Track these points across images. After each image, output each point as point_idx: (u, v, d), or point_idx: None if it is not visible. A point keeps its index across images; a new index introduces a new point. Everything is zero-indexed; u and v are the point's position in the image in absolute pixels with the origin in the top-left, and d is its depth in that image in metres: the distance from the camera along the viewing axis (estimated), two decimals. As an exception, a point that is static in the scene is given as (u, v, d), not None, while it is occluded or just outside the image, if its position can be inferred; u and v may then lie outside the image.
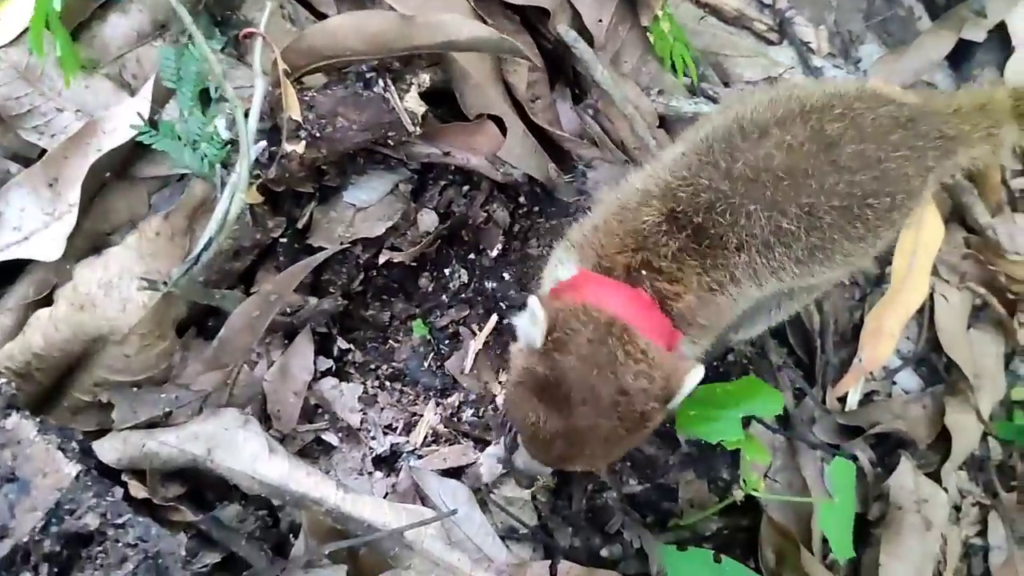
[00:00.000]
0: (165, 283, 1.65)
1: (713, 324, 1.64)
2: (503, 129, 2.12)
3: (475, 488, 2.01)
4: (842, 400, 2.33)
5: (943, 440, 2.38)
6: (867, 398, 2.38)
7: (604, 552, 2.04)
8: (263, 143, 1.79)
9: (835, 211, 1.58)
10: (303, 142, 1.84)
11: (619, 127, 2.21)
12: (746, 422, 1.75)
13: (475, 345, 2.13)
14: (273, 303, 1.77)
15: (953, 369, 2.45)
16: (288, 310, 1.98)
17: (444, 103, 2.13)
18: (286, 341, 2.03)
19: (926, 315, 2.48)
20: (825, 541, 2.18)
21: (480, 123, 2.12)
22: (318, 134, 1.88)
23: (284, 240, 2.03)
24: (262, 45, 1.74)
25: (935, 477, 2.31)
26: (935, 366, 2.47)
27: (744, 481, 1.85)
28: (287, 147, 1.81)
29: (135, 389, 1.77)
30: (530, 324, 1.45)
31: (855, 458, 2.25)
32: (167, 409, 1.75)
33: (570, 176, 2.23)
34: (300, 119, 1.83)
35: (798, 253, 1.59)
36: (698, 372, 1.46)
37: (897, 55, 2.63)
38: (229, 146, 1.76)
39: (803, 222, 1.56)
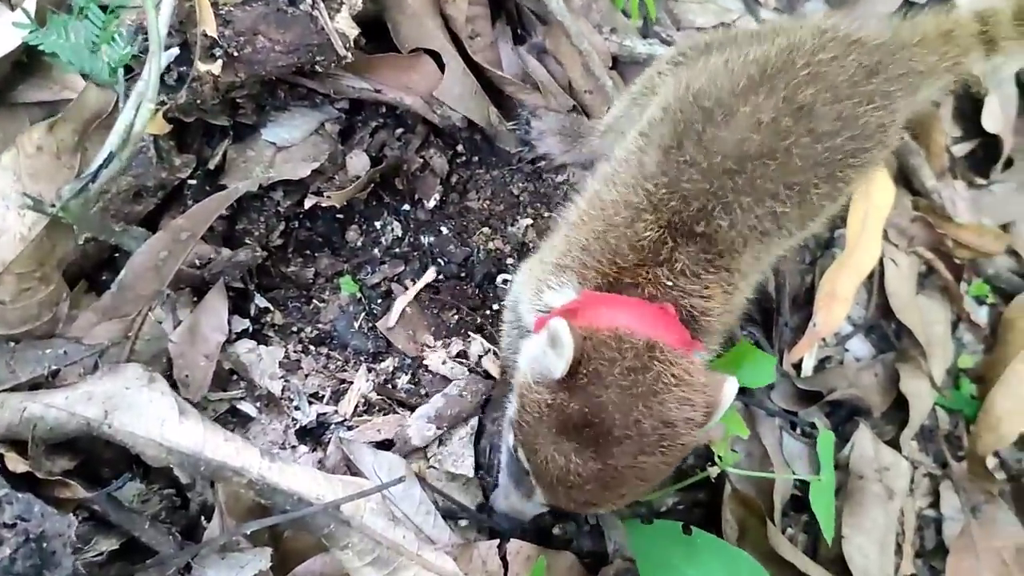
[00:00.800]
0: (53, 205, 1.37)
1: (728, 326, 1.55)
2: (441, 66, 1.92)
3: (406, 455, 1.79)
4: (797, 366, 2.21)
5: (896, 408, 2.30)
6: (821, 364, 2.27)
7: (556, 530, 1.85)
8: (175, 50, 1.53)
9: (822, 179, 1.48)
10: (218, 62, 1.59)
11: (569, 67, 2.04)
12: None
13: (404, 300, 1.91)
14: (184, 242, 1.51)
15: (904, 335, 2.37)
16: (198, 262, 1.73)
17: (376, 36, 1.91)
18: (195, 298, 1.77)
19: (876, 280, 2.39)
20: (786, 513, 2.06)
21: (415, 57, 1.91)
22: (235, 53, 1.63)
23: (193, 182, 1.77)
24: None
25: (893, 445, 2.21)
26: (885, 332, 2.38)
27: (719, 457, 1.70)
28: (200, 67, 1.56)
29: (12, 344, 1.48)
30: (550, 351, 1.29)
31: (813, 425, 2.13)
32: (53, 367, 1.46)
33: (513, 123, 2.04)
34: (216, 35, 1.57)
35: (792, 227, 1.51)
36: (733, 385, 1.35)
37: (843, 12, 2.53)
38: (132, 48, 1.49)
39: (794, 199, 1.46)
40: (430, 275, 1.94)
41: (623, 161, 1.55)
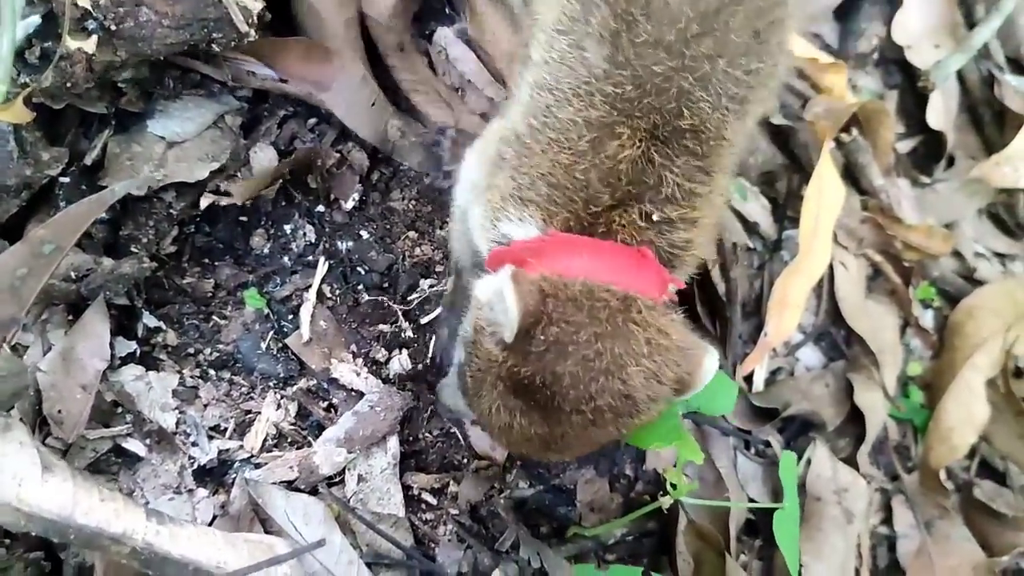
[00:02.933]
0: None
1: (706, 254, 1.39)
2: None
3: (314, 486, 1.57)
4: (747, 379, 2.05)
5: (849, 421, 2.16)
6: (771, 376, 2.12)
7: (497, 574, 1.64)
8: (34, 19, 1.27)
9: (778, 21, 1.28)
10: (93, 37, 1.32)
11: (499, 56, 1.81)
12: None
13: (308, 308, 1.67)
14: (48, 257, 1.25)
15: (854, 342, 2.25)
16: (73, 275, 1.46)
17: (282, 11, 1.66)
18: (70, 317, 1.50)
19: (825, 285, 2.25)
20: (740, 539, 1.90)
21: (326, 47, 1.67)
22: (114, 28, 1.37)
23: (66, 180, 1.49)
24: None
25: (848, 462, 2.07)
26: (835, 340, 2.25)
27: (672, 485, 1.52)
28: (69, 43, 1.29)
29: None
30: (496, 305, 1.11)
31: (768, 444, 1.98)
32: None
33: (419, 136, 1.79)
34: (88, 4, 1.31)
35: (763, 88, 1.30)
36: (713, 361, 1.19)
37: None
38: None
39: (761, 50, 1.25)
40: (323, 267, 1.70)
41: (558, 64, 1.26)
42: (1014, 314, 2.39)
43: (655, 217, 1.20)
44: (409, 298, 1.76)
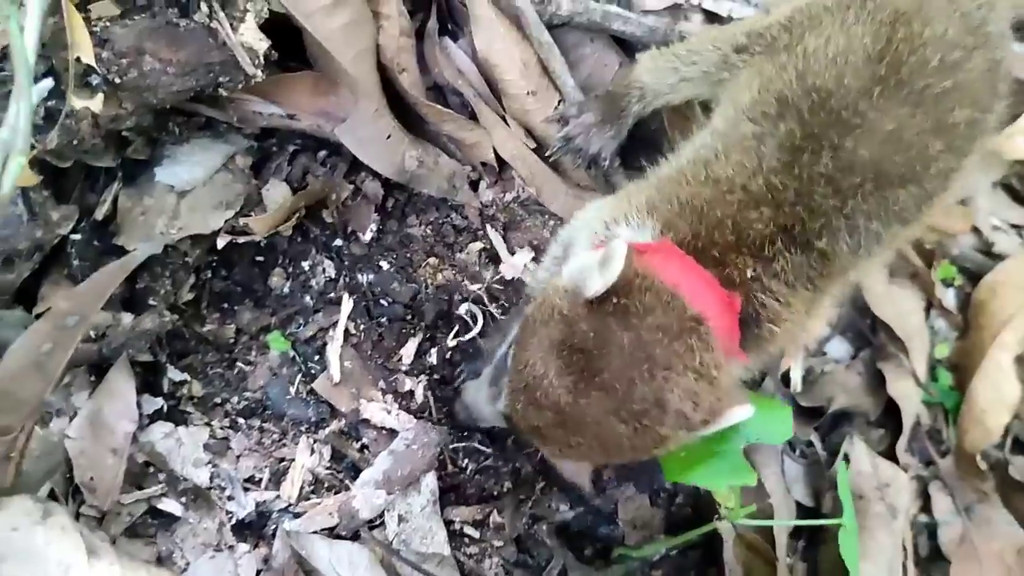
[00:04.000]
0: None
1: (777, 354, 1.41)
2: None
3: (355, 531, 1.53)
4: (784, 382, 2.02)
5: (883, 411, 2.14)
6: (806, 376, 2.08)
7: (545, 615, 1.61)
8: (47, 81, 1.21)
9: (944, 189, 1.34)
10: (99, 94, 1.26)
11: (506, 68, 1.75)
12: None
13: (335, 348, 1.63)
14: (72, 330, 1.19)
15: (879, 329, 2.21)
16: (93, 334, 1.41)
17: (285, 43, 1.60)
18: (93, 378, 1.45)
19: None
20: (792, 551, 1.88)
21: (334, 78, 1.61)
22: (117, 80, 1.32)
23: (77, 237, 1.44)
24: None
25: (887, 455, 2.05)
26: (861, 329, 2.22)
27: (727, 508, 1.49)
28: (75, 102, 1.24)
29: None
30: (595, 268, 1.12)
31: (811, 444, 1.95)
32: (-86, 509, 1.13)
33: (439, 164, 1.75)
34: (91, 59, 1.25)
35: (878, 250, 1.36)
36: (745, 412, 1.17)
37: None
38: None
39: (920, 217, 1.34)
40: (348, 305, 1.65)
41: (734, 141, 1.35)
42: (1037, 288, 2.37)
43: (752, 275, 1.25)
44: (436, 324, 1.72)
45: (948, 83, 1.32)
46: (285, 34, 1.57)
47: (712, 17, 2.02)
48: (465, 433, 1.67)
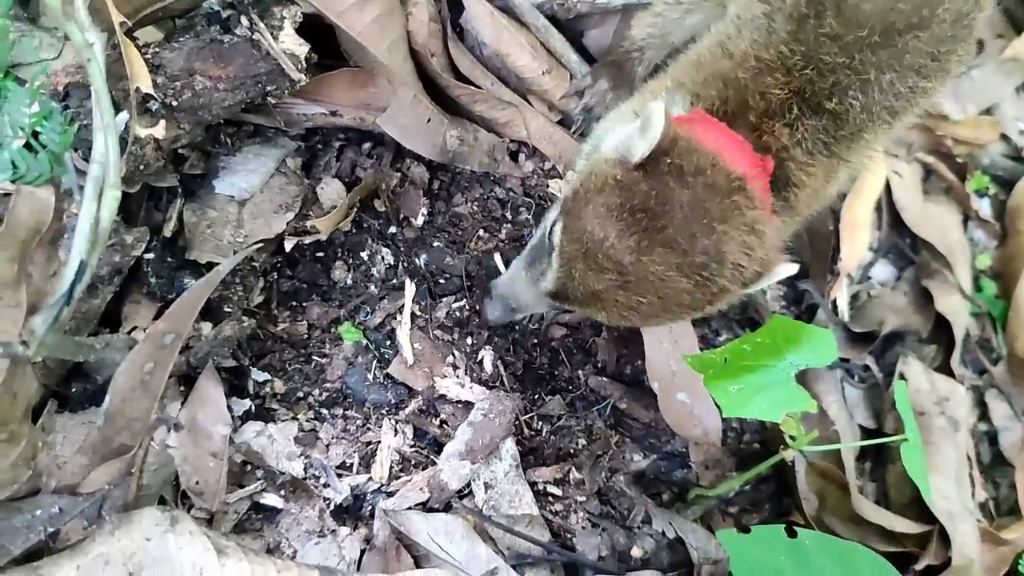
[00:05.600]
0: (25, 343, 1.10)
1: (811, 213, 1.46)
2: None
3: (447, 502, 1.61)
4: (833, 310, 2.06)
5: (935, 328, 2.18)
6: (852, 302, 2.12)
7: (636, 551, 1.68)
8: (123, 114, 1.26)
9: (961, 40, 1.36)
10: (161, 120, 1.31)
11: (516, 55, 1.78)
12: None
13: (405, 331, 1.68)
14: (170, 347, 1.27)
15: (920, 247, 2.25)
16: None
17: (320, 42, 1.64)
18: (183, 388, 1.52)
19: (883, 197, 2.24)
20: (860, 473, 1.94)
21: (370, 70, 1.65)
22: (173, 103, 1.37)
23: (150, 256, 1.50)
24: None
25: (941, 370, 2.09)
26: (901, 249, 2.25)
27: (791, 437, 1.54)
28: (140, 131, 1.29)
29: (-7, 513, 1.22)
30: (637, 134, 1.20)
31: (867, 368, 2.00)
32: (50, 529, 1.20)
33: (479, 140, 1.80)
34: (148, 87, 1.30)
35: (920, 105, 1.40)
36: (790, 269, 1.24)
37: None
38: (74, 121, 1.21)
39: (936, 71, 1.34)
40: (411, 291, 1.71)
41: (746, 22, 1.40)
42: (1070, 187, 2.39)
43: (784, 142, 1.30)
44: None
45: None
46: (317, 33, 1.61)
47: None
48: (511, 338, 1.75)
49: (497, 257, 1.75)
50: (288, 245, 1.58)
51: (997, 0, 2.54)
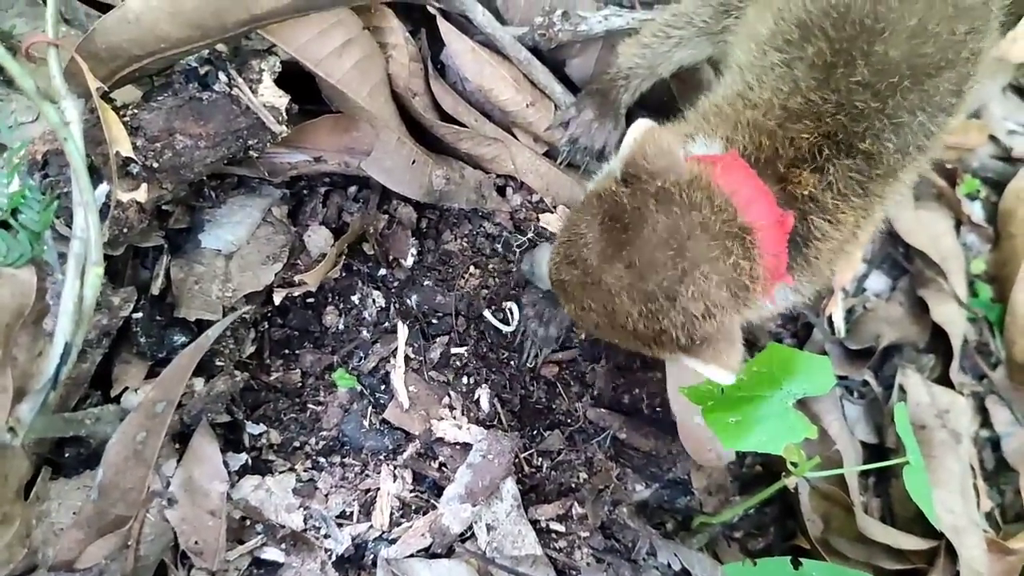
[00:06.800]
0: (12, 430, 1.09)
1: (832, 272, 1.44)
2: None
3: (450, 547, 1.59)
4: (829, 327, 2.05)
5: (932, 336, 2.17)
6: (848, 316, 2.11)
7: (643, 581, 1.68)
8: (103, 187, 1.25)
9: (974, 73, 1.39)
10: (142, 184, 1.30)
11: (499, 90, 1.77)
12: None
13: (399, 375, 1.67)
14: (162, 415, 1.25)
15: (914, 256, 2.24)
16: (171, 407, 1.46)
17: (299, 89, 1.63)
18: (177, 446, 1.50)
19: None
20: (864, 489, 1.93)
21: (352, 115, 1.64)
22: (155, 164, 1.35)
23: (140, 316, 1.49)
24: (57, 56, 1.19)
25: (941, 381, 2.08)
26: (895, 258, 2.24)
27: (792, 464, 1.53)
28: (121, 195, 1.27)
29: (-11, 594, 1.21)
30: (624, 147, 1.22)
31: (866, 383, 1.99)
32: (49, 607, 1.20)
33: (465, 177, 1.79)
34: (128, 151, 1.29)
35: (943, 137, 1.40)
36: (726, 378, 1.22)
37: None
38: (52, 195, 1.19)
39: (959, 104, 1.37)
40: (404, 333, 1.70)
41: (766, 70, 1.40)
42: (1061, 187, 2.38)
43: (808, 192, 1.29)
44: (484, 335, 1.76)
45: None
46: (298, 79, 1.60)
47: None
48: (508, 373, 1.75)
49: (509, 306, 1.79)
50: (277, 298, 1.57)
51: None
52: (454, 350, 1.73)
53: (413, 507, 1.62)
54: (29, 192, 1.17)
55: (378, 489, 1.61)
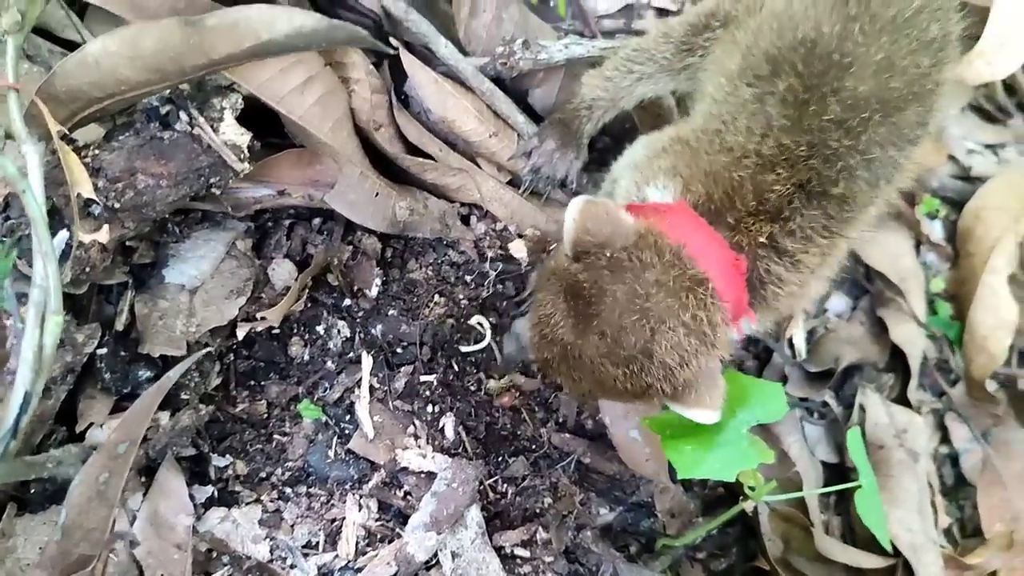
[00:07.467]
0: None
1: (790, 308, 1.49)
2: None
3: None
4: (790, 349, 2.09)
5: (892, 356, 2.22)
6: (809, 337, 2.15)
7: (603, 616, 1.70)
8: (63, 233, 1.27)
9: (936, 105, 1.42)
10: (104, 225, 1.32)
11: (461, 121, 1.80)
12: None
13: (363, 406, 1.69)
14: (124, 455, 1.27)
15: (875, 277, 2.28)
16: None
17: (262, 125, 1.65)
18: (143, 479, 1.52)
19: (836, 230, 2.27)
20: (825, 508, 1.97)
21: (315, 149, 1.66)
22: (116, 204, 1.37)
23: (104, 352, 1.50)
24: (17, 100, 1.21)
25: (899, 400, 2.13)
26: (856, 279, 2.29)
27: (750, 488, 1.57)
28: (83, 237, 1.29)
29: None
30: (567, 228, 1.26)
31: (826, 404, 2.04)
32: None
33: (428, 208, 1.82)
34: (88, 192, 1.30)
35: (901, 174, 1.44)
36: (711, 418, 1.28)
37: None
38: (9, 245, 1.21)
39: (923, 134, 1.41)
40: (368, 363, 1.72)
41: (739, 107, 1.42)
42: (1018, 204, 2.43)
43: (763, 241, 1.32)
44: (450, 355, 1.79)
45: (916, 3, 1.39)
46: (260, 114, 1.62)
47: (665, 14, 2.06)
48: (472, 400, 1.78)
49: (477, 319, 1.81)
50: (241, 333, 1.59)
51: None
52: (419, 379, 1.75)
53: (379, 536, 1.64)
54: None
55: (344, 519, 1.63)
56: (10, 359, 1.26)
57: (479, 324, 1.82)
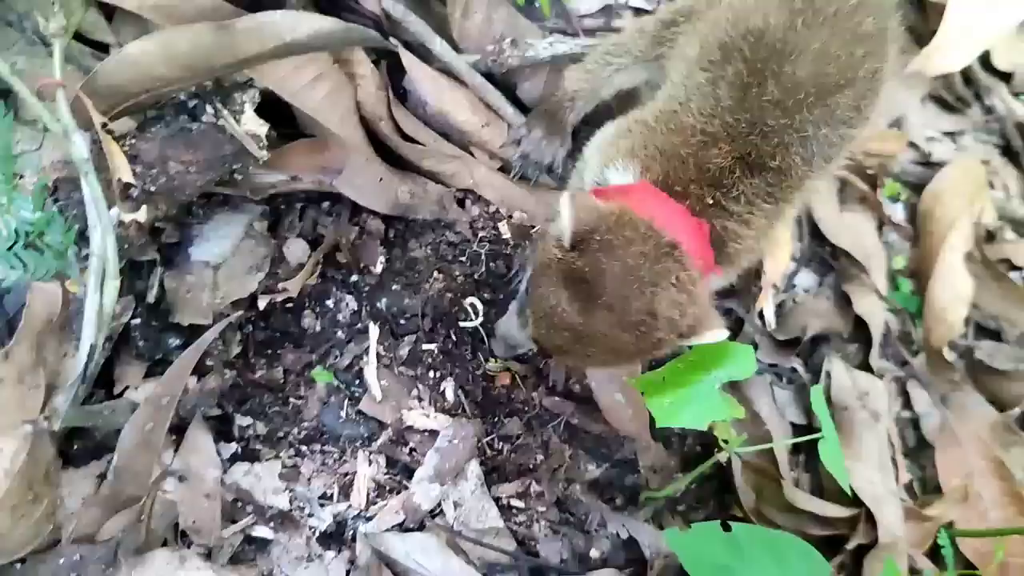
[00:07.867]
0: (48, 419, 1.28)
1: (749, 262, 1.63)
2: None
3: (420, 521, 1.78)
4: (761, 320, 2.27)
5: (854, 327, 2.39)
6: (779, 310, 2.33)
7: (594, 553, 1.87)
8: (115, 210, 1.43)
9: (873, 92, 1.55)
10: (140, 205, 1.48)
11: (454, 112, 1.98)
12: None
13: (372, 371, 1.87)
14: (166, 407, 1.44)
15: (840, 255, 2.46)
16: (168, 402, 1.64)
17: (276, 115, 1.82)
18: (175, 438, 1.68)
19: (803, 211, 2.45)
20: (795, 465, 2.13)
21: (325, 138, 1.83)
22: (152, 188, 1.53)
23: (137, 322, 1.67)
24: (63, 95, 1.37)
25: (863, 367, 2.31)
26: (823, 257, 2.46)
27: (724, 441, 1.74)
28: (124, 216, 1.46)
29: (19, 565, 1.38)
30: (561, 216, 1.38)
31: (795, 370, 2.21)
32: (73, 575, 1.38)
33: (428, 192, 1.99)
34: (131, 178, 1.47)
35: (849, 148, 1.59)
36: (722, 334, 1.42)
37: None
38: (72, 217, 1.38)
39: (860, 120, 1.54)
40: (375, 333, 1.89)
41: (693, 89, 1.58)
42: (974, 187, 2.62)
43: (711, 202, 1.48)
44: (448, 326, 1.96)
45: (853, 1, 1.55)
46: (275, 107, 1.79)
47: (641, 13, 2.24)
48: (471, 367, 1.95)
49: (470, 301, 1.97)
50: (261, 303, 1.76)
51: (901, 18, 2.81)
52: (422, 347, 1.92)
53: (387, 488, 1.81)
54: (53, 218, 1.35)
55: (355, 472, 1.80)
56: (72, 321, 1.42)
57: (471, 306, 1.98)
